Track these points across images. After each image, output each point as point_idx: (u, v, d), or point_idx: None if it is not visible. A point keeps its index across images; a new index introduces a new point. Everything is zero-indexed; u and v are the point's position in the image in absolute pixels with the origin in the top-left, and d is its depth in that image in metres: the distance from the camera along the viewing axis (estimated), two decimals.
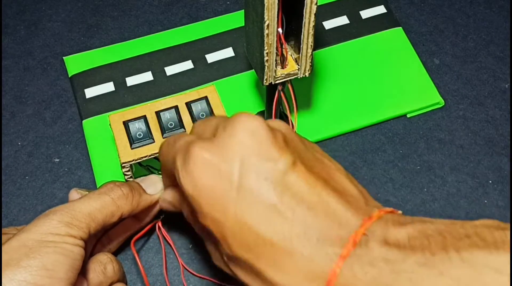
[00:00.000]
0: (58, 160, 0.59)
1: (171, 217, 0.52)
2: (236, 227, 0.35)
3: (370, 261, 0.32)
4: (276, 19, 0.43)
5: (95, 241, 0.51)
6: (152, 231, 0.54)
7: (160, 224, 0.53)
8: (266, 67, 0.47)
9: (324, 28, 0.66)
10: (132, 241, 0.48)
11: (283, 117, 0.56)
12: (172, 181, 0.47)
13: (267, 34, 0.44)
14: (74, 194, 0.49)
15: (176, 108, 0.54)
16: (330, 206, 0.34)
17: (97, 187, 0.57)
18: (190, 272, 0.53)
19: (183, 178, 0.37)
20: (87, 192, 0.48)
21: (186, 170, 0.37)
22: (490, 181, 0.58)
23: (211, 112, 0.53)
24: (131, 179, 0.54)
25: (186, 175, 0.37)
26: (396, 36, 0.66)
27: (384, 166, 0.59)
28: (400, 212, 0.36)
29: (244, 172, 0.35)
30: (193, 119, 0.53)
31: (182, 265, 0.53)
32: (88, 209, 0.44)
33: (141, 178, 0.52)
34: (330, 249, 0.33)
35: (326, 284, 0.32)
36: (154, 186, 0.50)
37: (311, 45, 0.47)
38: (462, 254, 0.30)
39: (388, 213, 0.35)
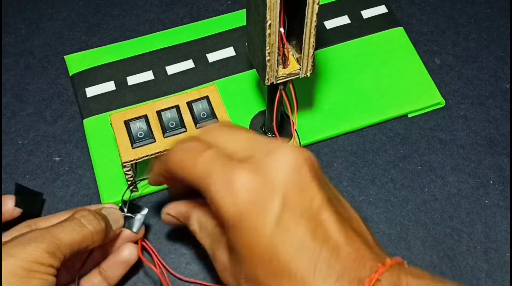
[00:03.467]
0: (58, 158, 0.59)
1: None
2: (266, 255, 0.36)
3: None
4: (278, 19, 0.43)
5: None
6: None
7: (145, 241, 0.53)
8: (267, 67, 0.46)
9: (325, 27, 0.66)
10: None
11: (284, 116, 0.56)
12: (180, 189, 0.47)
13: (269, 34, 0.44)
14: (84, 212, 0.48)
15: (177, 107, 0.54)
16: (354, 246, 0.36)
17: (98, 187, 0.57)
18: (176, 276, 0.54)
19: (224, 197, 0.37)
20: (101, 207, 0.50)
21: (230, 190, 0.37)
22: (491, 181, 0.58)
23: (212, 112, 0.53)
24: (131, 179, 0.54)
25: (229, 195, 0.37)
26: (397, 36, 0.66)
27: (385, 166, 0.59)
28: (406, 262, 0.38)
29: (284, 206, 0.36)
30: (194, 118, 0.53)
31: (170, 271, 0.54)
32: (70, 240, 0.44)
33: (106, 211, 0.50)
34: None
35: None
36: (117, 224, 0.50)
37: (313, 45, 0.47)
38: None
39: (397, 264, 0.36)
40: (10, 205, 0.53)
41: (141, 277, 0.53)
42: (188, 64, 0.63)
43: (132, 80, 0.62)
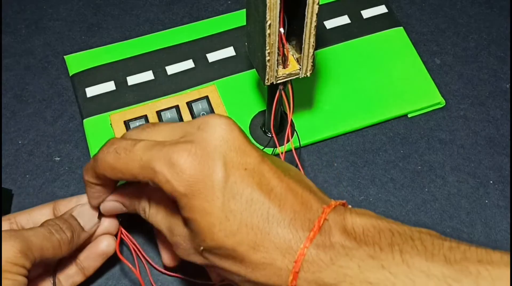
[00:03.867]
0: (58, 158, 0.59)
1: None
2: (222, 216, 0.39)
3: (331, 244, 0.37)
4: (278, 19, 0.43)
5: None
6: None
7: (122, 229, 0.52)
8: (267, 67, 0.46)
9: (325, 27, 0.66)
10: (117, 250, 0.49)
11: (283, 116, 0.56)
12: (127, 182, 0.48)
13: (269, 34, 0.44)
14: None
15: (177, 107, 0.54)
16: (297, 192, 0.39)
17: None
18: (159, 270, 0.53)
19: (171, 179, 0.39)
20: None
21: (174, 171, 0.39)
22: (491, 181, 0.58)
23: (212, 112, 0.53)
24: None
25: (175, 175, 0.39)
26: (397, 36, 0.66)
27: (385, 166, 0.59)
28: (350, 206, 0.42)
29: (227, 169, 0.39)
30: (194, 118, 0.53)
31: (152, 265, 0.54)
32: (41, 245, 0.44)
33: (78, 211, 0.49)
34: (300, 231, 0.38)
35: (295, 261, 0.37)
36: (90, 223, 0.50)
37: (312, 45, 0.47)
38: (404, 256, 0.36)
39: (341, 205, 0.40)
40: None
41: (123, 268, 0.53)
42: (188, 64, 0.63)
43: (132, 80, 0.62)
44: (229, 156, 0.39)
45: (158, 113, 0.53)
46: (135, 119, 0.53)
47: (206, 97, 0.54)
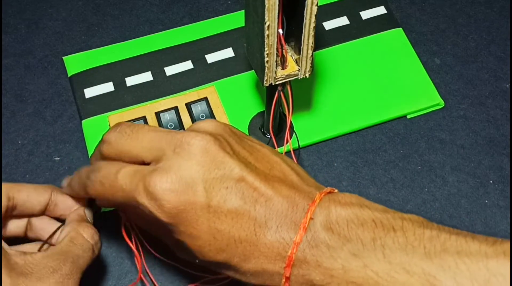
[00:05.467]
0: (58, 158, 0.59)
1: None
2: (210, 237, 0.40)
3: (317, 245, 0.38)
4: (276, 20, 0.43)
5: None
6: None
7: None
8: (266, 68, 0.46)
9: (324, 28, 0.66)
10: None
11: (282, 117, 0.56)
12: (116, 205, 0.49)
13: (268, 35, 0.44)
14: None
15: (176, 109, 0.54)
16: (283, 194, 0.40)
17: None
18: (158, 258, 0.52)
19: (156, 212, 0.40)
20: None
21: (156, 201, 0.40)
22: (491, 181, 0.58)
23: (211, 113, 0.53)
24: None
25: (158, 209, 0.40)
26: (396, 37, 0.66)
27: (385, 166, 0.59)
28: (336, 190, 0.42)
29: (208, 189, 0.39)
30: (193, 120, 0.53)
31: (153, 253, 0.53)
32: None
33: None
34: (286, 235, 0.39)
35: (285, 266, 0.39)
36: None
37: (311, 46, 0.47)
38: (385, 251, 0.36)
39: (327, 194, 0.41)
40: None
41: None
42: (187, 65, 0.63)
43: (130, 81, 0.62)
44: (208, 180, 0.40)
45: (157, 114, 0.53)
46: (134, 120, 0.53)
47: (205, 98, 0.54)
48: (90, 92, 0.62)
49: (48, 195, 0.49)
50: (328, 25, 0.66)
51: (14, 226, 0.49)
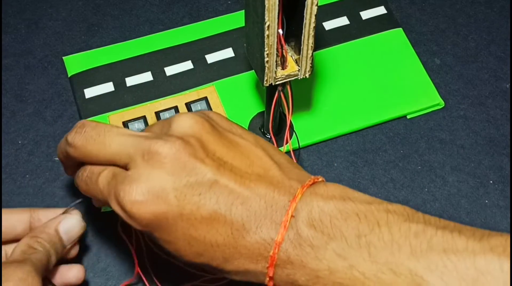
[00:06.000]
0: (58, 159, 0.59)
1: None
2: (186, 244, 0.39)
3: (300, 244, 0.37)
4: (276, 20, 0.43)
5: None
6: None
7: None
8: (266, 68, 0.46)
9: (324, 28, 0.66)
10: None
11: (282, 117, 0.56)
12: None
13: (268, 35, 0.44)
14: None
15: (175, 108, 0.54)
16: (260, 193, 0.39)
17: None
18: (157, 254, 0.53)
19: (129, 221, 0.39)
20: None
21: (129, 216, 0.39)
22: (491, 181, 0.58)
23: None
24: None
25: (131, 219, 0.39)
26: (396, 37, 0.66)
27: (385, 166, 0.59)
28: (320, 178, 0.41)
29: (179, 197, 0.38)
30: None
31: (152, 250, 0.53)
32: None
33: (63, 226, 0.48)
34: (267, 235, 0.38)
35: (267, 266, 0.38)
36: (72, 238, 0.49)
37: (311, 46, 0.47)
38: (370, 250, 0.35)
39: (309, 187, 0.39)
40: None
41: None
42: (187, 65, 0.63)
43: (130, 81, 0.62)
44: (179, 188, 0.38)
45: (157, 114, 0.53)
46: (134, 120, 0.53)
47: (205, 98, 0.54)
48: (90, 92, 0.62)
49: (27, 213, 0.49)
50: (328, 25, 0.66)
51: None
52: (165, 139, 0.39)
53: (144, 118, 0.53)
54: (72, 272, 0.49)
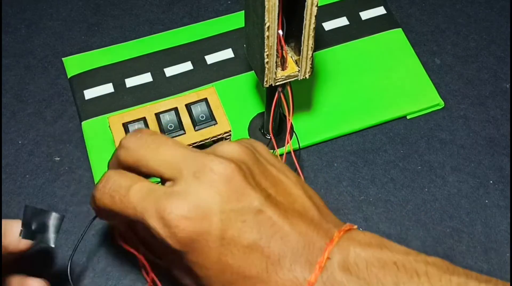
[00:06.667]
0: (58, 159, 0.59)
1: None
2: (219, 270, 0.38)
3: None
4: (276, 21, 0.43)
5: None
6: None
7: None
8: (266, 69, 0.46)
9: (324, 29, 0.66)
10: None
11: (282, 118, 0.56)
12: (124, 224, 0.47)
13: (268, 36, 0.44)
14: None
15: (175, 110, 0.54)
16: (300, 231, 0.38)
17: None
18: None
19: (167, 239, 0.38)
20: None
21: (169, 232, 0.38)
22: (491, 181, 0.58)
23: (211, 114, 0.53)
24: None
25: (170, 236, 0.38)
26: (396, 37, 0.66)
27: (385, 166, 0.59)
28: (355, 226, 0.40)
29: (224, 220, 0.37)
30: (193, 121, 0.53)
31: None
32: None
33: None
34: (300, 274, 0.36)
35: None
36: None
37: (311, 47, 0.47)
38: None
39: (346, 232, 0.39)
40: (13, 236, 0.43)
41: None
42: (187, 66, 0.63)
43: (130, 82, 0.62)
44: (226, 211, 0.37)
45: (157, 115, 0.53)
46: (134, 121, 0.53)
47: (205, 99, 0.54)
48: (90, 93, 0.62)
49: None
50: (328, 25, 0.66)
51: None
52: (220, 159, 0.39)
53: (144, 119, 0.53)
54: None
